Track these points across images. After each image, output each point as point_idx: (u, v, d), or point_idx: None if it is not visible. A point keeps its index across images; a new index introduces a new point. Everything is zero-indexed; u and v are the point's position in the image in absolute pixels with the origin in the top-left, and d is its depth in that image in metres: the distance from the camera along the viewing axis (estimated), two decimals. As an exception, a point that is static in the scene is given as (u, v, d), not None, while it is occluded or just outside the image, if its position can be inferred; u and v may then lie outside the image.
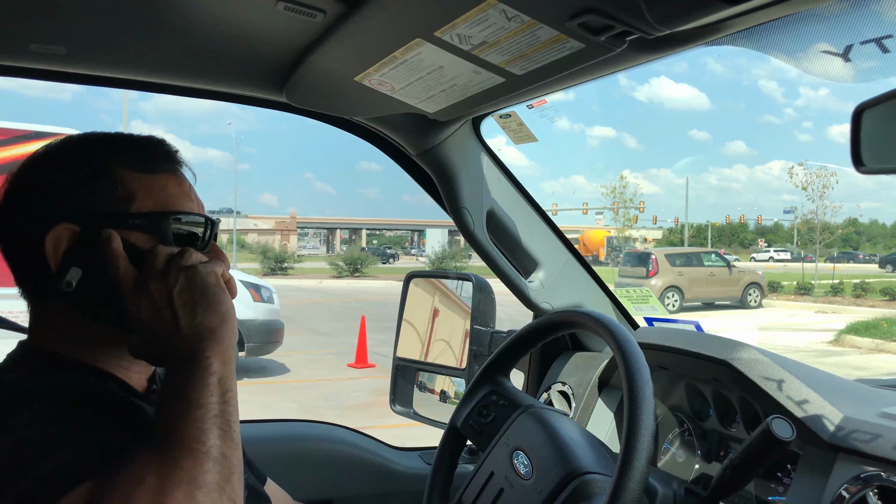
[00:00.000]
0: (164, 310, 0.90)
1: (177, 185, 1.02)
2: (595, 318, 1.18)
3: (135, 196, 0.97)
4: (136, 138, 1.05)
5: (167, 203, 0.99)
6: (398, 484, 1.86)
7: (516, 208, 1.76)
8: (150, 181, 0.99)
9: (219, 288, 0.94)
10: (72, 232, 0.95)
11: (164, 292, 0.91)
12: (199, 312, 0.90)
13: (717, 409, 1.47)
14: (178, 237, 0.99)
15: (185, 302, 0.91)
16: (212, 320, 0.90)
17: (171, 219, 0.98)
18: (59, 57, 1.28)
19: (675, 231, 56.12)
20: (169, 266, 0.93)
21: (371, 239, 75.45)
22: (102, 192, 0.97)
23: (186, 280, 0.92)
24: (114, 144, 1.03)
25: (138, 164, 1.00)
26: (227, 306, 0.93)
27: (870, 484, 1.06)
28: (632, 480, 0.97)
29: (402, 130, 1.62)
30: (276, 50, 1.27)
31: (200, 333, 0.89)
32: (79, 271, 0.93)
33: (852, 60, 1.00)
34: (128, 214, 0.97)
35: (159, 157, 1.03)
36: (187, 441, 0.80)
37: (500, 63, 1.10)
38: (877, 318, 16.03)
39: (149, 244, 0.96)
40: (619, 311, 1.89)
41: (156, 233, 0.97)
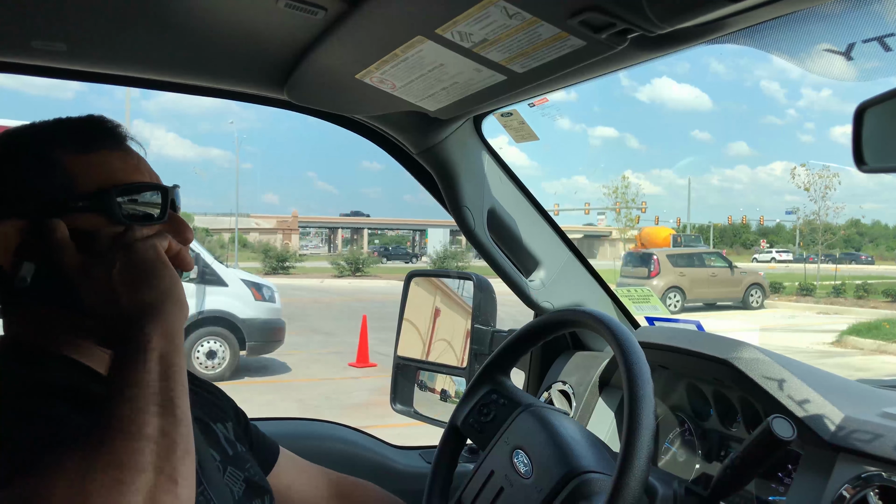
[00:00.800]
0: (106, 291, 0.89)
1: (120, 161, 1.00)
2: (596, 316, 1.18)
3: (75, 179, 0.96)
4: (72, 121, 1.04)
5: (110, 180, 0.97)
6: (398, 483, 1.86)
7: (517, 207, 1.76)
8: (89, 160, 0.97)
9: (159, 262, 0.92)
10: (18, 227, 0.93)
11: (105, 273, 0.90)
12: (140, 289, 0.89)
13: (718, 409, 1.46)
14: (134, 213, 0.97)
15: (125, 280, 0.89)
16: (151, 295, 0.89)
17: (114, 195, 0.96)
18: (61, 54, 1.28)
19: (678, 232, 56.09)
20: (110, 247, 0.92)
21: (373, 238, 75.47)
22: (44, 181, 0.95)
23: (126, 258, 0.91)
24: (50, 131, 1.01)
25: (76, 146, 0.98)
26: (168, 280, 0.91)
27: (871, 484, 1.06)
28: (632, 479, 0.97)
29: (403, 128, 1.62)
30: (277, 47, 1.26)
31: (141, 310, 0.87)
32: (31, 266, 0.92)
33: (854, 59, 1.00)
34: (71, 198, 0.95)
35: (98, 135, 1.01)
36: (119, 421, 0.78)
37: (501, 61, 1.09)
38: (879, 320, 16.01)
39: (99, 225, 0.94)
40: (621, 310, 1.89)
41: (103, 212, 0.95)
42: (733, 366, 1.30)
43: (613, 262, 28.27)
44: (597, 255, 55.30)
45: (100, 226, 0.94)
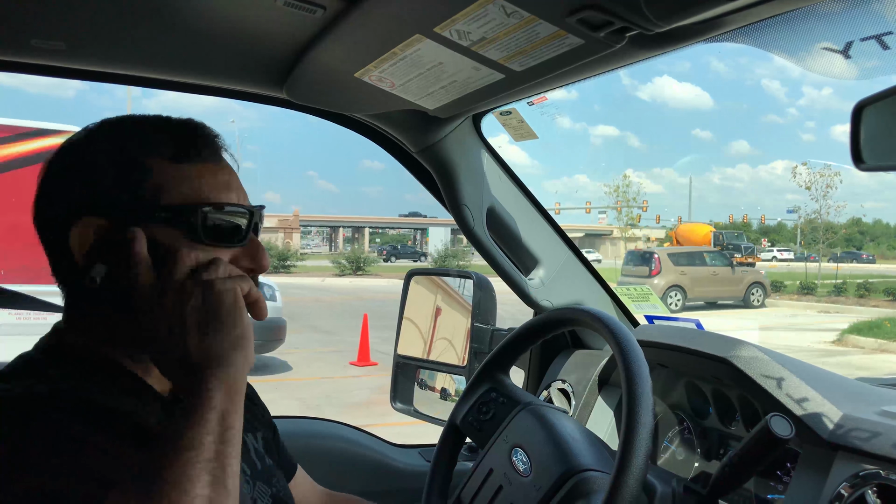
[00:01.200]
0: (173, 326, 0.84)
1: (212, 175, 0.95)
2: (594, 315, 1.18)
3: (163, 188, 0.91)
4: (171, 124, 0.99)
5: (198, 195, 0.92)
6: (398, 481, 1.86)
7: (517, 206, 1.76)
8: (181, 171, 0.93)
9: (236, 308, 0.86)
10: (97, 226, 0.90)
11: (178, 307, 0.85)
12: (210, 334, 0.83)
13: (717, 407, 1.46)
14: (216, 231, 0.92)
15: (197, 321, 0.84)
16: (222, 344, 0.83)
17: (199, 212, 0.91)
18: (60, 52, 1.28)
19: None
20: (187, 277, 0.87)
21: (374, 237, 75.45)
22: (131, 184, 0.91)
23: (202, 295, 0.85)
24: (146, 132, 0.96)
25: (170, 154, 0.93)
26: (241, 329, 0.85)
27: (869, 482, 1.06)
28: (630, 477, 0.97)
29: (402, 127, 1.62)
30: (276, 46, 1.27)
31: (207, 359, 0.82)
32: (103, 268, 0.89)
33: (852, 57, 1.00)
34: (155, 207, 0.91)
35: (194, 145, 0.96)
36: (169, 487, 0.72)
37: (499, 59, 1.09)
38: (880, 318, 16.00)
39: (176, 241, 0.90)
40: (620, 309, 1.89)
41: (183, 227, 0.91)
42: (732, 364, 1.30)
43: (614, 261, 28.19)
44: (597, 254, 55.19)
45: (177, 241, 0.90)
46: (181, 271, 0.87)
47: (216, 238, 0.92)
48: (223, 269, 0.89)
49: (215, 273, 0.87)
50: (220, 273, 0.88)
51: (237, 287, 0.88)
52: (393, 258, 54.91)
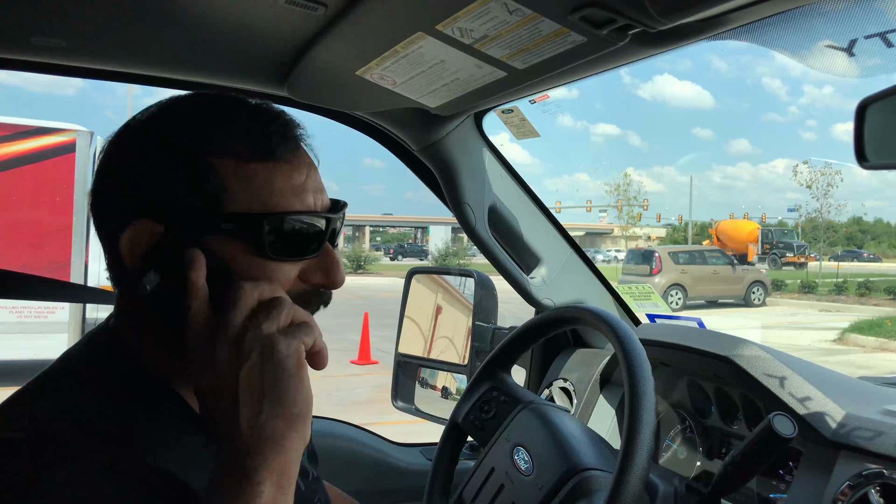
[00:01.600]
0: (224, 390, 0.72)
1: (285, 178, 0.81)
2: (596, 313, 1.18)
3: (228, 191, 0.79)
4: (240, 113, 0.84)
5: (268, 201, 0.79)
6: (399, 480, 1.86)
7: (518, 204, 1.75)
8: (250, 172, 0.79)
9: (296, 378, 0.73)
10: (151, 231, 0.79)
11: (231, 366, 0.72)
12: (266, 408, 0.71)
13: (719, 406, 1.46)
14: (286, 244, 0.81)
15: (252, 386, 0.72)
16: (278, 423, 0.71)
17: (267, 222, 0.79)
18: (61, 50, 1.28)
19: (679, 229, 56.05)
20: (246, 327, 0.73)
21: (374, 236, 75.45)
22: (190, 185, 0.79)
23: (260, 356, 0.73)
24: (212, 121, 0.83)
25: (239, 150, 0.80)
26: (302, 405, 0.73)
27: (872, 481, 1.05)
28: (632, 477, 0.97)
29: (403, 125, 1.62)
30: (277, 44, 1.26)
31: (259, 438, 0.71)
32: (156, 276, 0.79)
33: (856, 55, 1.00)
34: (217, 215, 0.79)
35: (269, 139, 0.82)
36: None
37: (501, 57, 1.09)
38: (881, 317, 15.99)
39: (239, 257, 0.79)
40: (622, 307, 1.89)
41: (248, 240, 0.79)
42: (735, 363, 1.30)
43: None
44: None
45: (240, 257, 0.79)
46: (240, 313, 0.74)
47: (286, 252, 0.81)
48: (286, 314, 0.76)
49: (276, 321, 0.74)
50: (283, 320, 0.75)
51: (300, 346, 0.75)
52: (400, 256, 54.83)
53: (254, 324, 0.74)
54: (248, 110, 0.85)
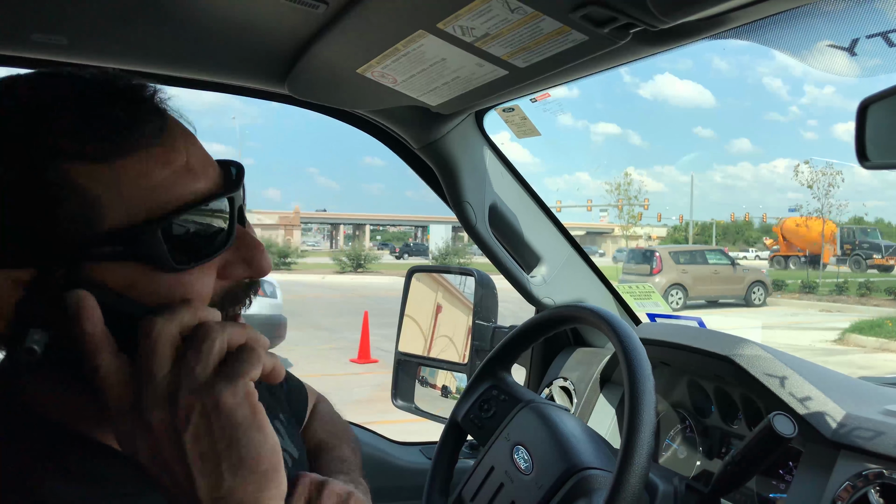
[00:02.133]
0: (171, 463, 0.58)
1: (162, 165, 0.63)
2: (596, 312, 1.18)
3: (101, 204, 0.61)
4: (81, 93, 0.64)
5: (150, 202, 0.62)
6: (399, 478, 1.86)
7: (519, 203, 1.75)
8: (118, 171, 0.61)
9: (254, 427, 0.59)
10: (15, 282, 0.61)
11: (171, 433, 0.58)
12: (227, 474, 0.58)
13: (719, 406, 1.46)
14: (191, 246, 0.64)
15: (205, 453, 0.58)
16: (246, 487, 0.58)
17: (157, 230, 0.62)
18: (61, 47, 1.28)
19: (680, 229, 56.06)
20: (177, 378, 0.58)
21: (374, 234, 75.49)
22: (48, 207, 0.60)
23: (203, 419, 0.58)
24: (50, 116, 0.62)
25: (94, 148, 0.61)
26: (269, 458, 0.60)
27: (872, 481, 1.05)
28: (632, 476, 0.97)
29: (404, 123, 1.62)
30: (278, 41, 1.26)
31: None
32: (44, 335, 0.61)
33: (858, 55, 1.00)
34: (93, 236, 0.61)
35: (127, 123, 0.62)
36: None
37: (502, 55, 1.09)
38: (881, 318, 15.98)
39: (138, 279, 0.62)
40: (622, 306, 1.89)
41: (142, 257, 0.62)
42: (735, 363, 1.30)
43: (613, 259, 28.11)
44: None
45: (137, 278, 0.62)
46: (162, 360, 0.59)
47: (194, 256, 0.64)
48: (219, 345, 0.60)
49: (209, 359, 0.59)
50: (215, 355, 0.60)
51: (249, 384, 0.60)
52: (406, 255, 54.76)
53: (184, 372, 0.59)
54: (87, 90, 0.64)
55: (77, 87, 0.64)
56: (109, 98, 0.64)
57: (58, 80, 0.66)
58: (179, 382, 0.58)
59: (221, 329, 0.61)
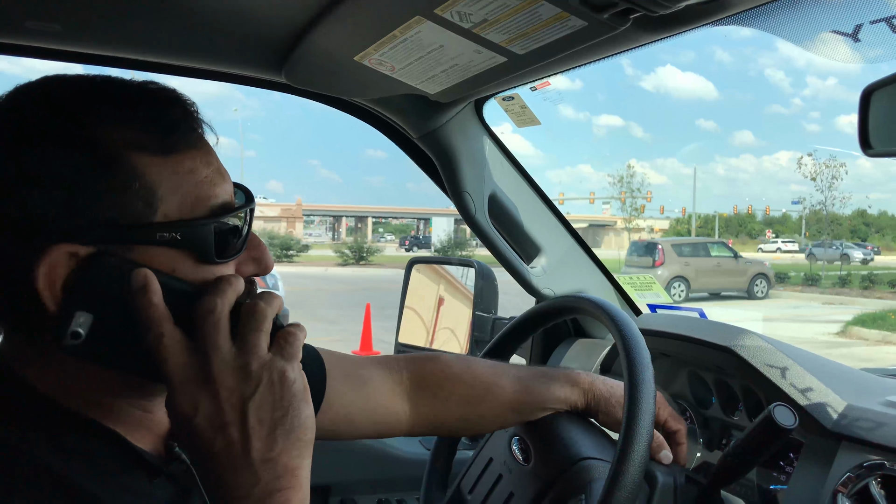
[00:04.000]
0: (230, 426, 0.65)
1: (205, 164, 0.72)
2: (594, 302, 1.17)
3: (157, 193, 0.68)
4: (137, 94, 0.73)
5: (200, 197, 0.70)
6: (398, 469, 1.85)
7: (519, 193, 1.74)
8: (173, 166, 0.69)
9: (305, 400, 0.68)
10: (71, 256, 0.65)
11: (237, 397, 0.65)
12: (280, 439, 0.65)
13: (720, 397, 1.45)
14: (225, 243, 0.73)
15: (263, 420, 0.65)
16: (293, 453, 0.66)
17: (211, 223, 0.70)
18: (55, 35, 1.27)
19: (683, 221, 56.02)
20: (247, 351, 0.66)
21: (377, 227, 75.56)
22: (113, 191, 0.66)
23: (269, 387, 0.66)
24: (113, 112, 0.69)
25: (154, 143, 0.69)
26: (312, 430, 0.68)
27: (873, 472, 1.04)
28: (631, 465, 0.96)
29: (403, 112, 1.61)
30: (274, 29, 1.25)
31: (276, 474, 0.64)
32: (89, 317, 0.65)
33: (861, 41, 0.98)
34: (153, 224, 0.68)
35: (180, 125, 0.71)
36: None
37: (501, 42, 1.08)
38: (884, 310, 15.99)
39: (179, 266, 0.69)
40: (623, 297, 1.88)
41: (194, 248, 0.70)
42: (736, 353, 1.29)
43: (618, 252, 28.16)
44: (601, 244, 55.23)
45: (179, 265, 0.69)
46: (223, 332, 0.67)
47: (228, 252, 0.73)
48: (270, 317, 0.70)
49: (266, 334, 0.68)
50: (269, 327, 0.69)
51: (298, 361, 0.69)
52: (415, 248, 54.76)
53: (250, 346, 0.67)
54: (142, 94, 0.73)
55: (140, 89, 0.74)
56: (167, 102, 0.73)
57: (123, 81, 0.74)
58: (248, 355, 0.66)
59: (269, 306, 0.70)
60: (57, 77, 0.73)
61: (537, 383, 1.16)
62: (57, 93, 0.70)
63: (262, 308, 0.69)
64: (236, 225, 0.74)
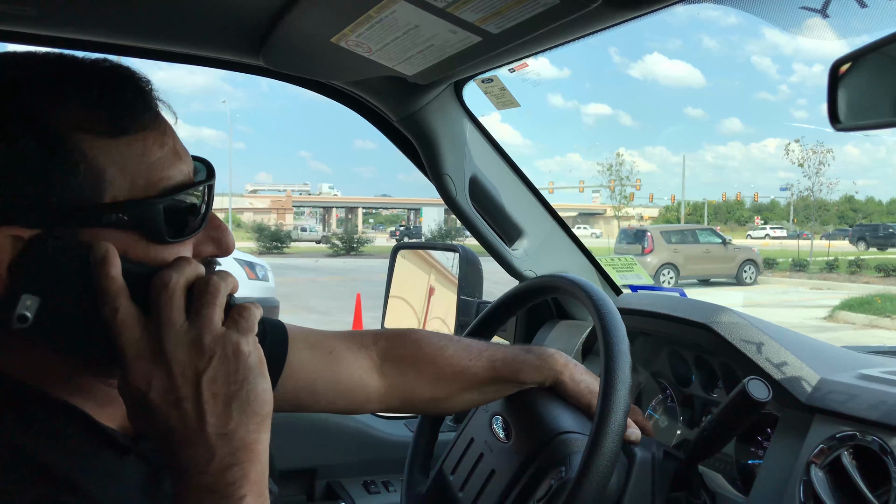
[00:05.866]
0: (183, 401, 0.65)
1: (158, 145, 0.71)
2: (570, 280, 1.18)
3: (105, 176, 0.67)
4: (88, 73, 0.71)
5: (150, 178, 0.69)
6: (383, 451, 1.86)
7: (500, 176, 1.75)
8: (122, 148, 0.68)
9: (261, 374, 0.68)
10: (16, 239, 0.65)
11: (191, 372, 0.65)
12: (235, 413, 0.65)
13: (699, 375, 1.47)
14: (178, 222, 0.72)
15: (217, 395, 0.65)
16: (248, 427, 0.66)
17: (159, 205, 0.69)
18: (29, 18, 1.26)
19: (672, 209, 56.18)
20: (199, 326, 0.66)
21: (367, 217, 75.40)
22: (57, 174, 0.66)
23: (223, 361, 0.66)
24: (60, 92, 0.68)
25: (104, 125, 0.68)
26: (269, 404, 0.68)
27: (845, 443, 1.06)
28: (608, 435, 0.96)
29: (382, 95, 1.60)
30: (251, 11, 1.25)
31: (232, 448, 0.64)
32: (35, 300, 0.65)
33: (830, 16, 0.99)
34: (99, 205, 0.67)
35: (132, 105, 0.70)
36: None
37: (475, 21, 1.08)
38: (871, 295, 16.09)
39: (131, 247, 0.69)
40: (604, 278, 1.89)
41: (143, 229, 0.69)
42: (713, 330, 1.30)
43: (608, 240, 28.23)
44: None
45: (131, 246, 0.69)
46: (177, 308, 0.67)
47: (182, 232, 0.72)
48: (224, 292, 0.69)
49: (219, 308, 0.68)
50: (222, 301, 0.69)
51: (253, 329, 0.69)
52: (406, 238, 54.69)
53: (202, 320, 0.67)
54: (93, 73, 0.71)
55: (92, 68, 0.72)
56: (119, 81, 0.71)
57: (74, 60, 0.73)
58: (201, 329, 0.66)
59: (223, 281, 0.70)
60: (4, 54, 0.73)
61: (508, 366, 1.18)
62: (2, 71, 0.69)
63: (215, 282, 0.69)
64: (192, 203, 0.73)
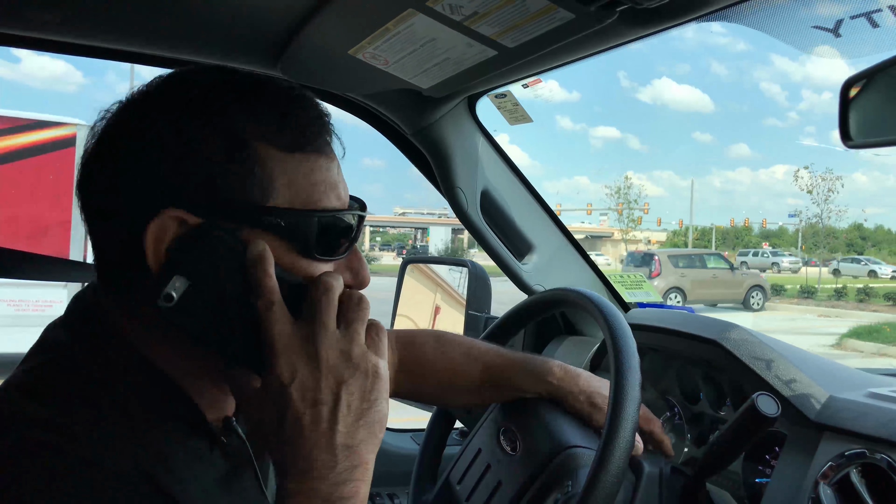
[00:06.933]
0: (321, 405, 0.67)
1: (323, 171, 0.75)
2: (581, 293, 1.18)
3: (274, 184, 0.72)
4: (276, 94, 0.76)
5: (311, 196, 0.74)
6: (389, 464, 1.86)
7: (511, 190, 1.76)
8: (293, 163, 0.73)
9: (386, 399, 0.72)
10: (182, 222, 0.70)
11: (332, 380, 0.68)
12: (362, 430, 0.68)
13: (708, 392, 1.46)
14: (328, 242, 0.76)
15: (351, 406, 0.68)
16: (370, 447, 0.69)
17: (316, 219, 0.74)
18: (53, 25, 1.28)
19: (680, 233, 56.08)
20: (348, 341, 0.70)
21: (374, 236, 75.45)
22: (234, 173, 0.71)
23: (364, 377, 0.70)
24: (252, 105, 0.74)
25: (282, 139, 0.73)
26: (384, 428, 0.71)
27: (853, 461, 1.06)
28: (616, 450, 0.96)
29: (397, 108, 1.62)
30: (271, 22, 1.26)
31: (353, 464, 0.67)
32: (185, 282, 0.68)
33: (842, 36, 1.00)
34: (264, 208, 0.71)
35: (307, 128, 0.75)
36: None
37: (491, 35, 1.10)
38: (880, 323, 15.99)
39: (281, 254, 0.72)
40: (613, 295, 1.89)
41: (296, 240, 0.73)
42: (722, 346, 1.30)
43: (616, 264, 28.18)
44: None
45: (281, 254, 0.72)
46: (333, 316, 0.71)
47: (327, 251, 0.76)
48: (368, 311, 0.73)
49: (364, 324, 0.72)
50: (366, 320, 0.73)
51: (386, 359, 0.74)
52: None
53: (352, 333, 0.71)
54: (282, 94, 0.77)
55: (283, 91, 0.77)
56: (303, 106, 0.77)
57: (269, 81, 0.79)
58: (351, 342, 0.70)
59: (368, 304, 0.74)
60: (215, 68, 0.80)
61: (505, 373, 1.19)
62: (210, 81, 0.76)
63: (366, 301, 0.73)
64: (343, 225, 0.77)
